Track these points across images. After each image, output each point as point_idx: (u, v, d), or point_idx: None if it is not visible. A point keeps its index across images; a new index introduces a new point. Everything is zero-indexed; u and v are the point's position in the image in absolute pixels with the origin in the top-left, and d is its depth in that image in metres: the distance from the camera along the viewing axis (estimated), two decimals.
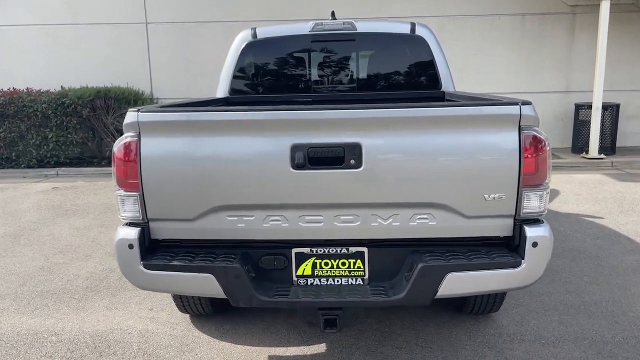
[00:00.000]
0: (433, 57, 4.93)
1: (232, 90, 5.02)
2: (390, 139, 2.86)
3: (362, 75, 5.19)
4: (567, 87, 11.63)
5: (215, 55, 4.81)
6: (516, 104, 2.80)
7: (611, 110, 10.81)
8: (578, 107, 11.04)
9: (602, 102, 10.37)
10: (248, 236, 3.03)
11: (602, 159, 10.43)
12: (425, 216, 2.94)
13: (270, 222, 2.98)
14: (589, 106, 10.58)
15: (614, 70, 10.97)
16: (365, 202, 2.92)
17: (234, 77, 5.01)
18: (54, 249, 6.00)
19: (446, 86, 4.94)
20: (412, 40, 4.99)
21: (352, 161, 2.83)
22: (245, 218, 2.98)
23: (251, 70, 5.14)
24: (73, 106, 10.53)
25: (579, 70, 11.45)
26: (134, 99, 11.05)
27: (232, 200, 2.95)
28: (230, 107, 2.83)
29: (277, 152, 2.86)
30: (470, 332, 3.92)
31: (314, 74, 5.17)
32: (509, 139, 2.83)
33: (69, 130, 10.73)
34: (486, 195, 2.87)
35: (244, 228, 2.99)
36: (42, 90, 10.92)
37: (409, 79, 5.11)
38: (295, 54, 5.20)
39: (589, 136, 10.57)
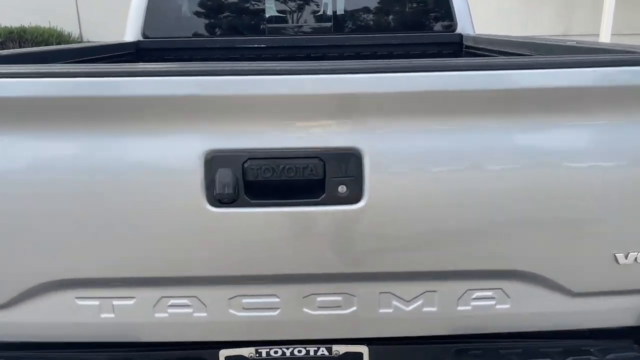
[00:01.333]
0: None
1: (147, 32, 3.36)
2: (423, 141, 1.33)
3: (340, 9, 3.58)
4: (566, 31, 10.39)
5: None
6: None
7: None
8: None
9: None
10: (124, 336, 1.51)
11: None
12: (490, 294, 1.46)
13: (170, 311, 1.45)
14: None
15: (623, 10, 9.50)
16: (367, 272, 1.41)
17: (149, 11, 3.34)
18: None
19: (463, 27, 3.39)
20: None
21: (343, 188, 1.31)
22: (116, 303, 1.44)
23: (175, 1, 3.48)
24: None
25: (582, 8, 10.25)
26: (57, 42, 9.50)
27: (85, 270, 1.39)
28: (74, 69, 1.25)
29: (177, 169, 1.30)
30: None
31: (270, 7, 3.55)
32: None
33: None
34: (619, 254, 1.40)
35: (115, 322, 1.45)
36: None
37: (408, 15, 3.55)
38: None
39: None
